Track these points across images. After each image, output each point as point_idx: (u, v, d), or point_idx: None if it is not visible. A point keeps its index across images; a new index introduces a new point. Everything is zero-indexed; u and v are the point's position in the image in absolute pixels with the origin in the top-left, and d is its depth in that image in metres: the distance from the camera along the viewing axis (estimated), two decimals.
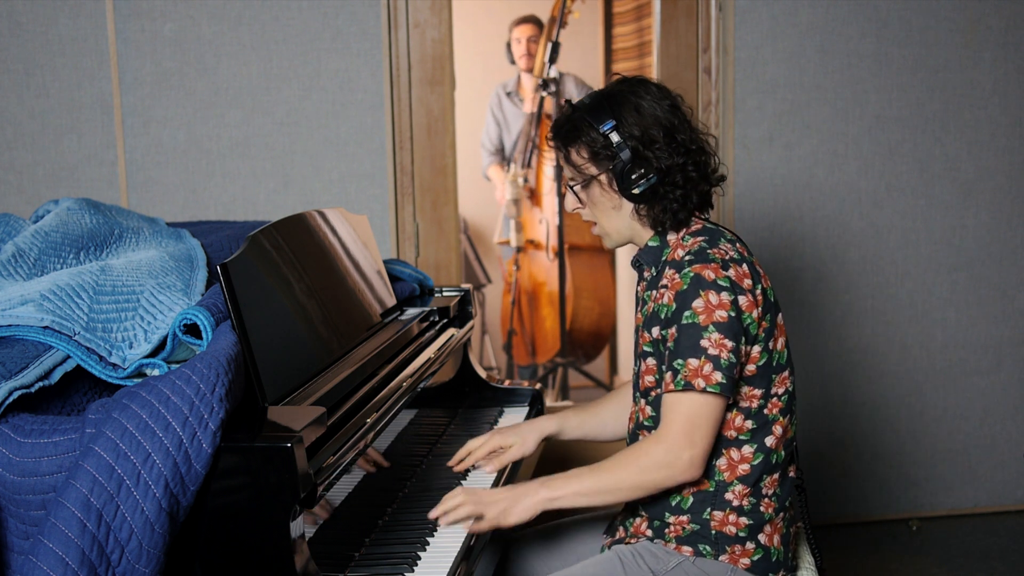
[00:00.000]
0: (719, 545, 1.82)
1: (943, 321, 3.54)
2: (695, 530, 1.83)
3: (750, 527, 1.82)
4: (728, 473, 1.82)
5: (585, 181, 1.89)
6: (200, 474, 1.37)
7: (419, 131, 3.23)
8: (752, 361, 1.80)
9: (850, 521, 3.57)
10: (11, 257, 1.78)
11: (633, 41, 4.59)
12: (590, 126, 1.85)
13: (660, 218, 1.87)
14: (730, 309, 1.74)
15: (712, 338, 1.73)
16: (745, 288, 1.77)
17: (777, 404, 1.84)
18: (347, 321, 1.98)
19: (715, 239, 1.85)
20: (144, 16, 3.05)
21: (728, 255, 1.80)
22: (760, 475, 1.82)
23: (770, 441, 1.83)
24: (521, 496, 1.78)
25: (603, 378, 4.93)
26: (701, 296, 1.75)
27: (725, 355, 1.73)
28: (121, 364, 1.56)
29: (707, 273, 1.76)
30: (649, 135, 1.83)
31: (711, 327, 1.73)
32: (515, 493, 1.79)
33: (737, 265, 1.79)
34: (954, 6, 3.40)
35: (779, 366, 1.84)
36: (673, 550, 1.83)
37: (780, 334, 1.85)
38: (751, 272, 1.81)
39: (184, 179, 3.13)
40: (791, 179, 3.40)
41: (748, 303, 1.77)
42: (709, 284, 1.75)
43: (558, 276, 4.62)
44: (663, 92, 1.89)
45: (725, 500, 1.82)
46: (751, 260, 1.84)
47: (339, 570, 1.64)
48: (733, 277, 1.77)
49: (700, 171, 1.86)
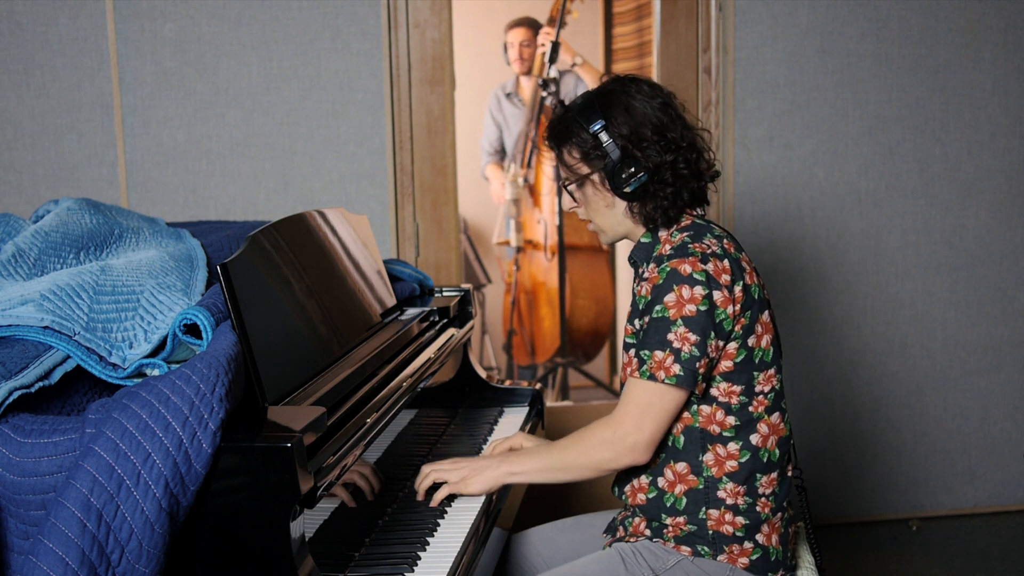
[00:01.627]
0: (717, 545, 1.83)
1: (943, 321, 3.54)
2: (692, 531, 1.84)
3: (747, 527, 1.83)
4: (716, 469, 1.83)
5: (578, 180, 1.92)
6: (200, 474, 1.37)
7: (419, 131, 3.23)
8: (728, 357, 1.81)
9: (850, 521, 3.57)
10: (11, 257, 1.78)
11: (633, 41, 4.59)
12: (580, 126, 1.88)
13: (652, 215, 1.89)
14: (700, 303, 1.77)
15: (678, 332, 1.76)
16: (722, 284, 1.79)
17: (763, 402, 1.85)
18: (347, 321, 1.98)
19: (701, 234, 1.86)
20: (144, 16, 3.05)
21: (710, 249, 1.82)
22: (751, 473, 1.83)
23: (756, 439, 1.84)
24: (483, 468, 1.90)
25: (603, 378, 4.93)
26: (674, 291, 1.78)
27: (687, 348, 1.76)
28: (121, 364, 1.56)
29: (683, 267, 1.78)
30: (638, 134, 1.85)
31: (679, 321, 1.76)
32: (478, 465, 1.91)
33: (718, 260, 1.81)
34: (954, 6, 3.40)
35: (762, 363, 1.84)
36: (672, 549, 1.84)
37: (765, 331, 1.85)
38: (732, 268, 1.82)
39: (184, 179, 3.13)
40: (791, 179, 3.40)
41: (723, 299, 1.78)
42: (684, 279, 1.78)
43: (557, 276, 4.62)
44: (654, 90, 1.90)
45: (718, 498, 1.83)
46: (737, 257, 1.85)
47: (339, 570, 1.64)
48: (711, 271, 1.79)
49: (691, 168, 1.88)
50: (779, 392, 1.88)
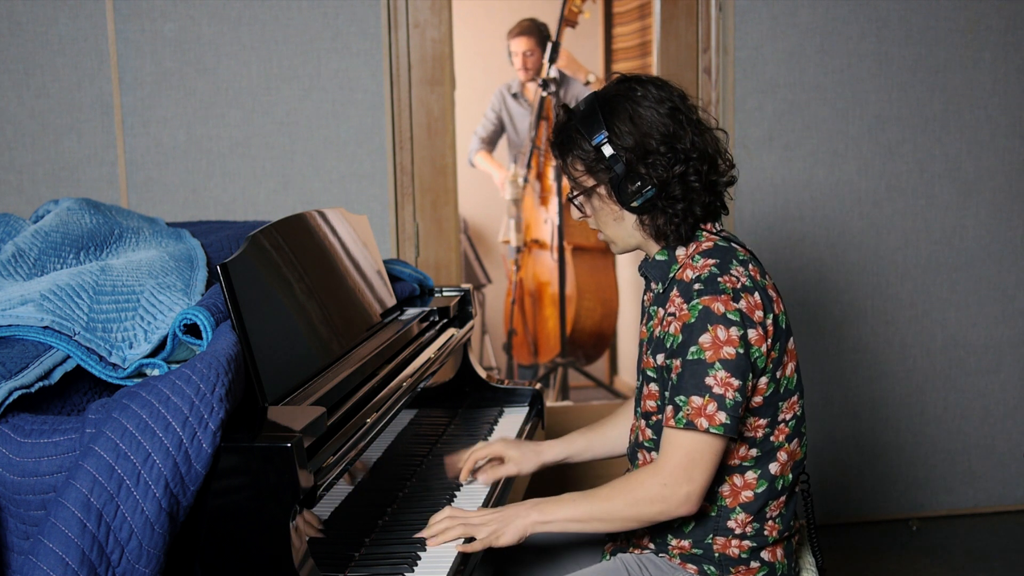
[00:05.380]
0: (723, 566, 1.79)
1: (943, 321, 3.54)
2: (697, 553, 1.80)
3: (753, 548, 1.79)
4: (731, 499, 1.78)
5: (584, 192, 1.81)
6: (200, 474, 1.37)
7: (419, 131, 3.23)
8: (759, 393, 1.74)
9: (850, 521, 3.57)
10: (11, 257, 1.78)
11: (634, 41, 4.59)
12: (582, 137, 1.76)
13: (663, 230, 1.78)
14: (739, 346, 1.66)
15: (718, 376, 1.66)
16: (756, 321, 1.70)
17: (784, 431, 1.79)
18: (347, 321, 1.98)
19: (727, 262, 1.75)
20: (144, 16, 3.05)
21: (740, 283, 1.71)
22: (765, 502, 1.78)
23: (775, 468, 1.78)
24: (512, 518, 1.74)
25: (603, 378, 4.93)
26: (709, 331, 1.66)
27: (731, 394, 1.66)
28: (121, 364, 1.56)
29: (716, 306, 1.67)
30: (644, 145, 1.73)
31: (717, 364, 1.66)
32: (505, 515, 1.75)
33: (749, 294, 1.71)
34: (954, 6, 3.40)
35: (787, 392, 1.77)
36: (678, 566, 1.81)
37: (790, 359, 1.77)
38: (763, 301, 1.73)
39: (184, 179, 3.13)
40: (791, 179, 3.40)
41: (757, 337, 1.69)
42: (718, 318, 1.67)
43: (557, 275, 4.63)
44: (663, 92, 1.78)
45: (727, 527, 1.78)
46: (764, 285, 1.75)
47: (339, 570, 1.64)
48: (744, 309, 1.69)
49: (703, 180, 1.76)
50: (800, 417, 1.81)
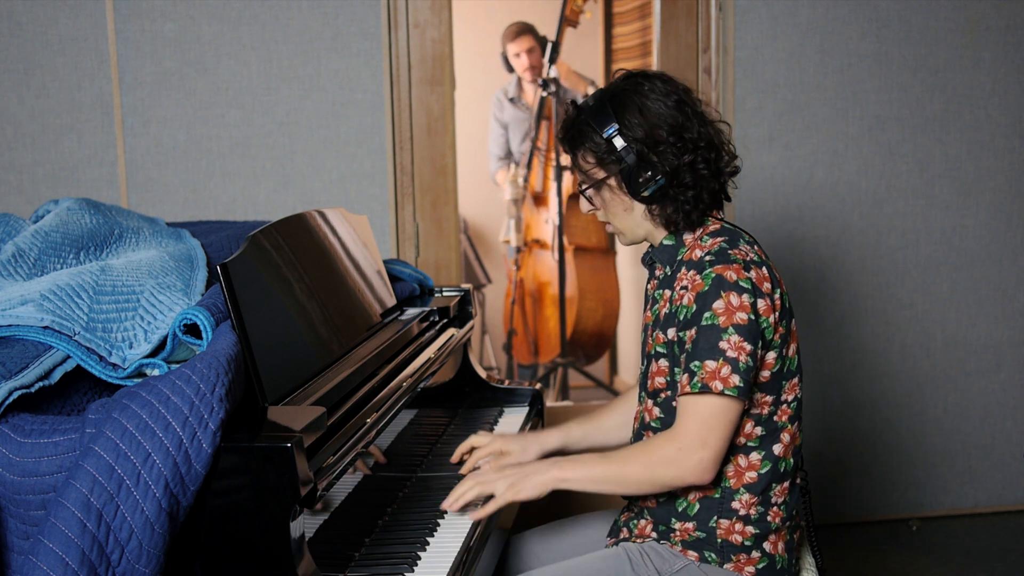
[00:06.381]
0: (724, 553, 1.81)
1: (943, 321, 3.54)
2: (701, 537, 1.81)
3: (756, 536, 1.81)
4: (735, 480, 1.80)
5: (594, 184, 1.86)
6: (200, 474, 1.37)
7: (419, 131, 3.23)
8: (767, 367, 1.77)
9: (850, 521, 3.57)
10: (11, 257, 1.78)
11: (634, 41, 4.59)
12: (593, 130, 1.81)
13: (673, 218, 1.83)
14: (750, 312, 1.71)
15: (731, 340, 1.70)
16: (764, 292, 1.74)
17: (787, 411, 1.82)
18: (347, 321, 1.98)
19: (735, 240, 1.81)
20: (144, 16, 3.05)
21: (748, 257, 1.77)
22: (768, 484, 1.81)
23: (778, 449, 1.81)
24: (531, 473, 1.78)
25: (603, 378, 4.93)
26: (722, 297, 1.71)
27: (744, 358, 1.70)
28: (121, 364, 1.56)
29: (729, 274, 1.72)
30: (654, 136, 1.79)
31: (731, 329, 1.70)
32: (524, 471, 1.79)
33: (757, 268, 1.76)
34: (954, 6, 3.40)
35: (789, 372, 1.81)
36: (679, 552, 1.83)
37: (793, 340, 1.82)
38: (770, 276, 1.77)
39: (184, 179, 3.13)
40: (791, 179, 3.40)
41: (766, 307, 1.74)
42: (731, 285, 1.71)
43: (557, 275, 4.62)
44: (669, 86, 1.83)
45: (732, 509, 1.80)
46: (769, 264, 1.80)
47: (339, 570, 1.64)
48: (754, 279, 1.73)
49: (711, 167, 1.82)
50: (800, 400, 1.85)
